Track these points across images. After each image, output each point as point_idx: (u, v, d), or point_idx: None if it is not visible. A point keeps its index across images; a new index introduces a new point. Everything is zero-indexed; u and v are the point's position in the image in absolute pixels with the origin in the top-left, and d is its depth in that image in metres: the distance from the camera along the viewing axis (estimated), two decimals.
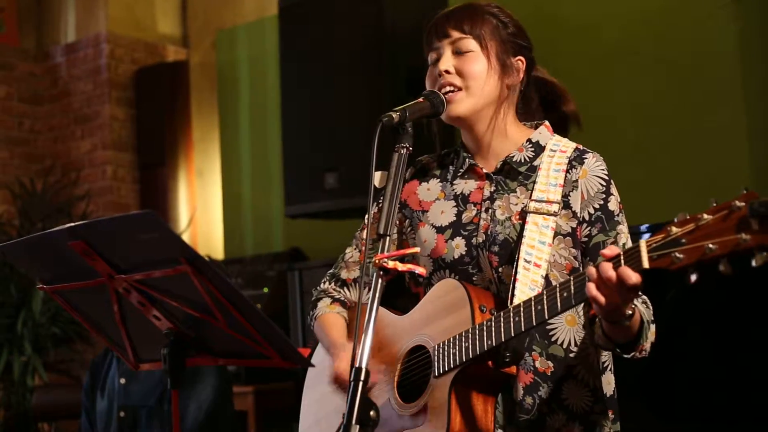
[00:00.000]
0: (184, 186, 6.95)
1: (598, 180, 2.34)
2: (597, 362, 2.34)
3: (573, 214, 2.32)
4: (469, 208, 2.41)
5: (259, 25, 6.67)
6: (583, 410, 2.29)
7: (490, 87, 2.39)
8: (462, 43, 2.39)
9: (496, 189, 2.39)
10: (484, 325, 2.16)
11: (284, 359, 2.26)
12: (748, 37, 4.58)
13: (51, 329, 6.42)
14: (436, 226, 2.43)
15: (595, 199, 2.32)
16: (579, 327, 2.31)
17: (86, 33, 7.11)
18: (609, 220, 2.31)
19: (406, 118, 2.23)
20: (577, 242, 2.32)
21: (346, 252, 2.63)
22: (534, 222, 2.28)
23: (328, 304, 2.59)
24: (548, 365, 2.28)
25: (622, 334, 2.11)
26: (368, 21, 4.89)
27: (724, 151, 4.61)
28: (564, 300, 2.02)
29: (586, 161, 2.36)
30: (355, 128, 4.78)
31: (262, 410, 5.47)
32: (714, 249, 1.71)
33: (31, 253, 2.37)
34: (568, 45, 4.95)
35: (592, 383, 2.32)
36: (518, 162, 2.40)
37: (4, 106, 7.11)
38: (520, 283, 2.21)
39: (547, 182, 2.33)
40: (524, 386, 2.26)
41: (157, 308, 2.27)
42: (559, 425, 2.27)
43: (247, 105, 6.77)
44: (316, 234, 5.91)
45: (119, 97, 7.00)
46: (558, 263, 2.30)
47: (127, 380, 3.87)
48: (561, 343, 2.29)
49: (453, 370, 2.19)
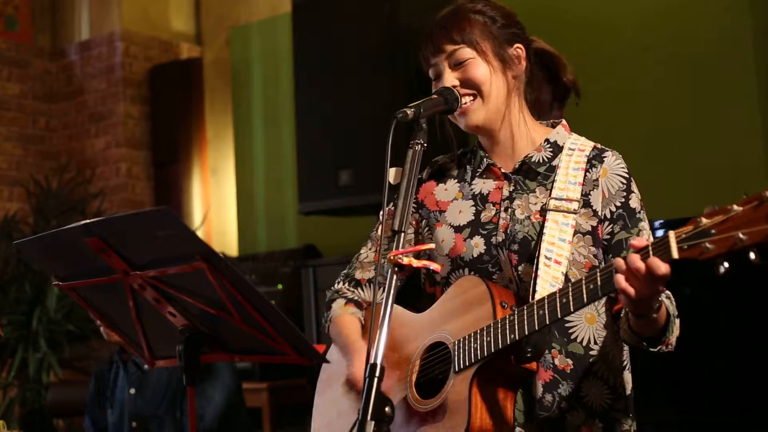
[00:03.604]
0: (198, 183, 6.96)
1: (619, 178, 2.34)
2: (618, 360, 2.33)
3: (593, 213, 2.31)
4: (488, 208, 2.40)
5: (273, 23, 6.67)
6: (602, 408, 2.28)
7: (498, 85, 2.38)
8: (457, 54, 2.37)
9: (515, 189, 2.39)
10: (506, 320, 2.15)
11: (299, 355, 2.26)
12: (763, 33, 4.57)
13: (66, 326, 6.44)
14: (454, 226, 2.42)
15: (616, 197, 2.32)
16: (598, 325, 2.30)
17: (100, 31, 7.13)
18: (631, 218, 2.30)
19: (420, 114, 2.23)
20: (598, 240, 2.31)
21: (360, 252, 2.62)
22: (554, 220, 2.28)
23: (342, 305, 2.57)
24: (567, 363, 2.27)
25: (649, 328, 2.10)
26: (381, 17, 4.89)
27: (739, 148, 4.60)
28: (590, 292, 2.01)
29: (606, 160, 2.36)
30: (369, 125, 4.78)
31: (277, 407, 5.48)
32: (745, 239, 1.73)
33: (46, 251, 2.38)
34: (583, 42, 4.94)
35: (612, 381, 2.30)
36: (537, 162, 2.39)
37: (19, 104, 7.14)
38: (541, 279, 2.21)
39: (567, 180, 2.33)
40: (543, 383, 2.24)
41: (172, 305, 2.28)
42: (579, 422, 2.26)
43: (260, 102, 6.78)
44: (330, 231, 5.92)
45: (133, 95, 7.02)
46: (577, 261, 2.29)
47: (137, 390, 3.87)
48: (581, 340, 2.28)
49: (474, 365, 2.18)
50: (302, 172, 5.23)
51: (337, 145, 5.01)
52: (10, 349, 6.43)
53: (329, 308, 2.60)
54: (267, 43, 6.75)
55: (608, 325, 2.31)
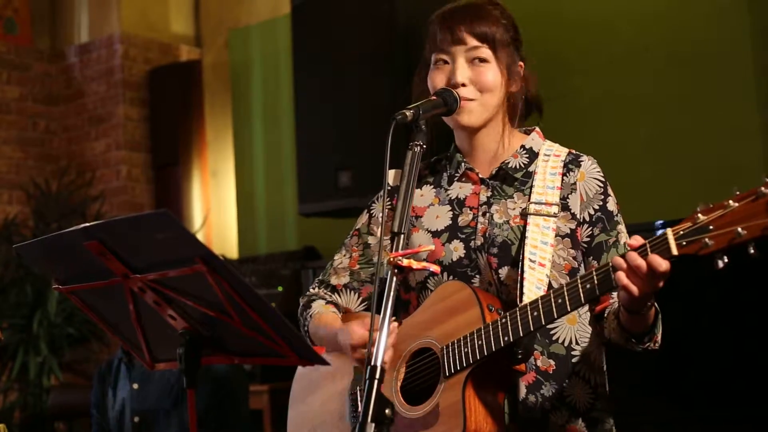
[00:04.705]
0: (198, 185, 6.96)
1: (596, 182, 2.37)
2: (599, 361, 2.36)
3: (572, 216, 2.34)
4: (465, 212, 2.41)
5: (272, 25, 6.67)
6: (585, 407, 2.31)
7: (499, 95, 2.40)
8: (477, 52, 2.36)
9: (492, 194, 2.40)
10: (498, 323, 2.16)
11: (299, 357, 2.27)
12: (762, 33, 4.57)
13: (66, 329, 6.44)
14: (432, 231, 2.43)
15: (594, 200, 2.35)
16: (579, 326, 2.33)
17: (100, 33, 7.13)
18: (609, 220, 2.34)
19: (419, 115, 2.22)
20: (577, 243, 2.33)
21: (335, 258, 2.63)
22: (535, 223, 2.30)
23: (323, 305, 2.57)
24: (550, 363, 2.29)
25: (640, 325, 2.13)
26: (381, 19, 4.89)
27: (737, 148, 4.60)
28: (588, 291, 2.03)
29: (582, 164, 2.39)
30: (369, 126, 4.78)
31: (278, 409, 5.48)
32: (744, 233, 1.77)
33: (46, 254, 2.38)
34: (581, 43, 4.94)
35: (593, 380, 2.33)
36: (514, 168, 2.41)
37: (19, 107, 7.14)
38: (528, 282, 2.22)
39: (544, 185, 2.35)
40: (527, 385, 2.27)
41: (172, 308, 2.28)
42: (562, 422, 2.28)
43: (260, 104, 6.78)
44: (329, 232, 5.91)
45: (133, 98, 7.02)
46: (557, 264, 2.31)
47: (140, 385, 3.87)
48: (562, 341, 2.30)
49: (466, 368, 2.19)
50: (302, 173, 5.23)
51: (337, 146, 5.01)
52: (10, 353, 6.43)
53: (308, 307, 2.58)
54: (266, 45, 6.75)
55: (591, 325, 2.33)
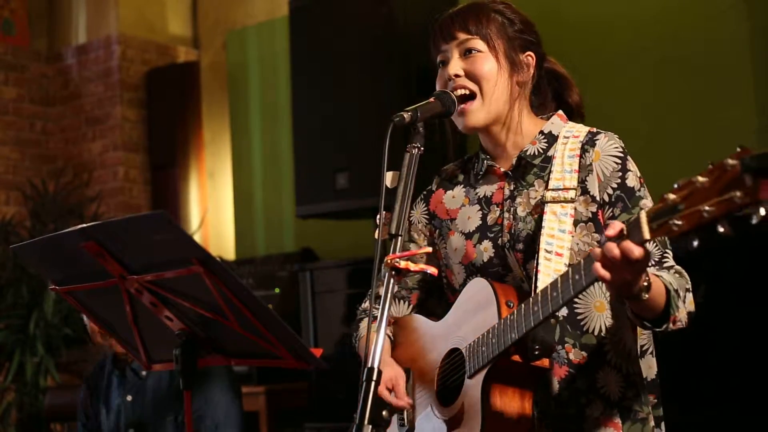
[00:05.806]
0: (195, 187, 6.96)
1: (613, 159, 2.29)
2: (632, 346, 2.29)
3: (592, 199, 2.27)
4: (492, 210, 2.39)
5: (270, 26, 6.67)
6: (617, 397, 2.25)
7: (502, 87, 2.36)
8: (469, 44, 2.36)
9: (515, 186, 2.37)
10: (508, 319, 2.13)
11: (296, 359, 2.26)
12: (759, 35, 4.57)
13: (63, 330, 6.43)
14: (464, 233, 2.41)
15: (611, 179, 2.27)
16: (608, 312, 2.26)
17: (97, 34, 7.12)
18: (630, 197, 2.25)
19: (417, 118, 2.21)
20: (600, 227, 2.26)
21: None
22: (552, 211, 2.25)
23: (368, 324, 2.56)
24: (582, 355, 2.23)
25: (647, 308, 2.04)
26: (379, 21, 4.88)
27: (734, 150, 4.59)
28: (576, 283, 1.98)
29: (597, 143, 2.31)
30: (366, 128, 4.78)
31: (274, 410, 5.48)
32: (711, 211, 1.62)
33: (43, 255, 2.38)
34: (579, 44, 4.94)
35: (624, 368, 2.26)
36: (532, 155, 2.37)
37: (16, 108, 7.13)
38: (542, 274, 2.17)
39: (563, 169, 2.29)
40: (559, 380, 2.22)
41: (169, 309, 2.28)
42: (597, 414, 2.23)
43: (257, 106, 6.78)
44: (327, 234, 5.92)
45: (130, 99, 7.02)
46: (582, 251, 2.26)
47: (134, 396, 3.85)
48: (592, 331, 2.25)
49: (484, 368, 2.17)
50: (299, 175, 5.22)
51: (335, 148, 5.01)
52: (7, 353, 6.42)
53: (357, 328, 2.60)
54: (264, 46, 6.75)
55: (613, 306, 2.27)
